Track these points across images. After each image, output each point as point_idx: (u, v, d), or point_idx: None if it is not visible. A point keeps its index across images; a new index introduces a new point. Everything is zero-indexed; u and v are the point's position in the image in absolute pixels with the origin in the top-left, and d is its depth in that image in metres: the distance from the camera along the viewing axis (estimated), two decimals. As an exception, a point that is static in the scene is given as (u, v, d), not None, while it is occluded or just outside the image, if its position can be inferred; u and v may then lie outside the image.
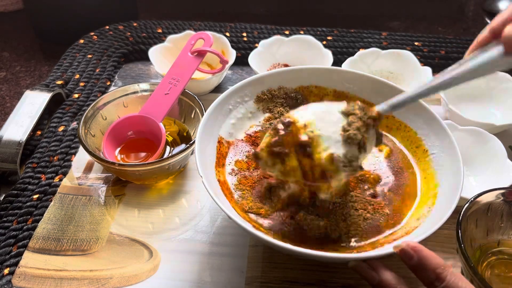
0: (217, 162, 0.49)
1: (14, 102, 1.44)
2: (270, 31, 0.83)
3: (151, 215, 0.53)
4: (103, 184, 0.57)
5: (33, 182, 0.57)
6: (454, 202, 0.41)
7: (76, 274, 0.47)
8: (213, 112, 0.50)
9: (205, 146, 0.48)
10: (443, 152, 0.48)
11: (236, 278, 0.47)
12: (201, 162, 0.44)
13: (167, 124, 0.60)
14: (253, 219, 0.45)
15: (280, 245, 0.39)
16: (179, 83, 0.58)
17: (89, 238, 0.51)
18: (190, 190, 0.56)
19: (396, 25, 1.89)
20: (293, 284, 0.46)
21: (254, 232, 0.39)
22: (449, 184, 0.45)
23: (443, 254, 0.49)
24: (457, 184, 0.44)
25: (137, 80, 0.74)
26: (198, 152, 0.45)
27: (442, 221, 0.40)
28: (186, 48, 0.62)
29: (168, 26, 0.84)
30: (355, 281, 0.47)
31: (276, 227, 0.44)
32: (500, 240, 0.47)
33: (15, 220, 0.52)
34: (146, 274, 0.47)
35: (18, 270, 0.48)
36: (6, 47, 1.70)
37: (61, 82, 0.71)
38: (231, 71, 0.75)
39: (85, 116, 0.56)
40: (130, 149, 0.58)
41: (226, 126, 0.52)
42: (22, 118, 0.62)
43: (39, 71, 1.59)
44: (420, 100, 0.50)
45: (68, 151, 0.61)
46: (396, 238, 0.43)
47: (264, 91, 0.55)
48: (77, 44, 0.81)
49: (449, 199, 0.43)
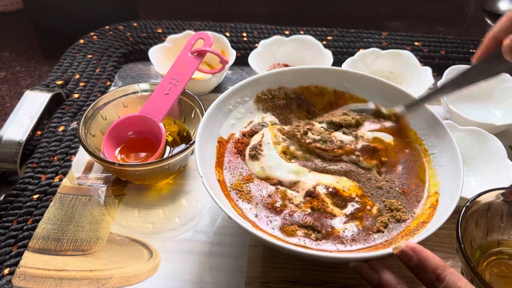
0: (217, 162, 0.49)
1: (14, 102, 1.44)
2: (270, 31, 0.83)
3: (151, 215, 0.53)
4: (103, 184, 0.57)
5: (33, 182, 0.57)
6: (454, 202, 0.41)
7: (76, 274, 0.47)
8: (213, 112, 0.50)
9: (205, 146, 0.48)
10: (443, 152, 0.48)
11: (236, 278, 0.47)
12: (201, 162, 0.44)
13: (167, 124, 0.60)
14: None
15: (280, 245, 0.39)
16: (179, 83, 0.58)
17: (89, 238, 0.51)
18: (190, 190, 0.56)
19: (396, 25, 1.89)
20: (293, 284, 0.46)
21: (254, 232, 0.39)
22: (449, 184, 0.45)
23: (443, 254, 0.49)
24: (457, 185, 0.44)
25: (137, 80, 0.74)
26: (198, 152, 0.45)
27: (442, 222, 0.40)
28: (186, 48, 0.62)
29: (168, 26, 0.84)
30: (355, 281, 0.47)
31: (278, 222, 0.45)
32: (500, 240, 0.47)
33: (15, 220, 0.52)
34: (146, 274, 0.47)
35: (18, 270, 0.48)
36: (6, 47, 1.70)
37: (61, 82, 0.71)
38: (231, 71, 0.75)
39: (85, 116, 0.56)
40: (130, 149, 0.58)
41: (226, 126, 0.52)
42: (22, 118, 0.62)
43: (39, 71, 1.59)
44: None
45: (68, 151, 0.61)
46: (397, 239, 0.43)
47: (264, 91, 0.55)
48: (77, 44, 0.81)
49: (449, 199, 0.43)
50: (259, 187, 0.48)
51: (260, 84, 0.55)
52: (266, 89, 0.56)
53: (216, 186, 0.46)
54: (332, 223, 0.45)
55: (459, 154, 0.46)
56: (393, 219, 0.45)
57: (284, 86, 0.56)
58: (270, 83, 0.56)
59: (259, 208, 0.46)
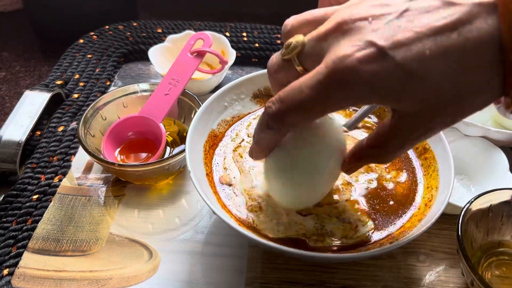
0: (207, 157, 0.49)
1: (14, 102, 1.44)
2: (270, 31, 0.83)
3: (151, 216, 0.53)
4: (103, 185, 0.57)
5: (32, 183, 0.56)
6: (442, 207, 0.41)
7: (75, 275, 0.47)
8: (207, 108, 0.51)
9: (197, 141, 0.48)
10: (436, 157, 0.48)
11: (236, 279, 0.47)
12: (191, 156, 0.45)
13: (167, 124, 0.60)
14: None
15: (263, 243, 0.39)
16: (179, 84, 0.58)
17: (88, 238, 0.51)
18: (190, 191, 0.56)
19: (396, 25, 1.88)
20: (293, 284, 0.46)
21: (236, 228, 0.39)
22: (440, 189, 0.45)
23: (443, 254, 0.49)
24: (447, 189, 0.43)
25: (137, 80, 0.74)
26: (188, 146, 0.46)
27: (428, 226, 0.39)
28: (185, 49, 0.62)
29: (168, 26, 0.84)
30: (355, 282, 0.46)
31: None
32: (501, 241, 0.47)
33: (15, 221, 0.52)
34: (146, 275, 0.47)
35: (17, 271, 0.48)
36: (5, 47, 1.70)
37: (60, 82, 0.71)
38: (231, 71, 0.75)
39: (85, 116, 0.56)
40: (130, 150, 0.58)
41: (220, 122, 0.53)
42: (22, 118, 0.62)
43: (39, 71, 1.59)
44: None
45: (67, 151, 0.61)
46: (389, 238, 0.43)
47: (261, 89, 0.55)
48: (76, 44, 0.81)
49: (438, 203, 0.43)
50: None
51: (257, 81, 0.55)
52: (263, 87, 0.56)
53: (205, 181, 0.46)
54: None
55: (452, 161, 0.45)
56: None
57: None
58: (267, 81, 0.55)
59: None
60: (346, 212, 0.45)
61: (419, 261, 0.48)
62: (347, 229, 0.44)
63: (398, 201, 0.46)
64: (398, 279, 0.47)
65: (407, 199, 0.46)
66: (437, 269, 0.48)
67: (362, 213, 0.45)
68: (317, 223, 0.44)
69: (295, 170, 0.39)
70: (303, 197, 0.42)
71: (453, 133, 0.55)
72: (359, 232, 0.43)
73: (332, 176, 0.41)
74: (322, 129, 0.39)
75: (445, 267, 0.48)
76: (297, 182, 0.40)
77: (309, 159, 0.39)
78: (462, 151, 0.55)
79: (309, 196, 0.42)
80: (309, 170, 0.39)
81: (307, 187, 0.40)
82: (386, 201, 0.46)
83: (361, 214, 0.45)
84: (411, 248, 0.49)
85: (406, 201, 0.46)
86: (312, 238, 0.43)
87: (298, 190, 0.41)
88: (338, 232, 0.43)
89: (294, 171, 0.39)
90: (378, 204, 0.46)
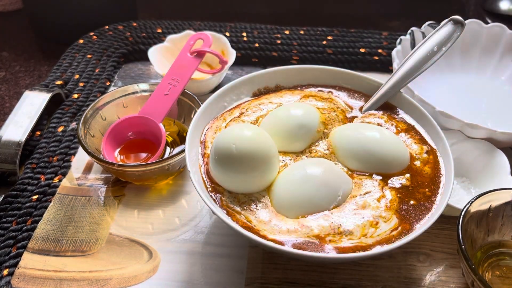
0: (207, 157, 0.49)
1: (14, 102, 1.44)
2: (270, 31, 0.83)
3: (150, 216, 0.53)
4: (103, 185, 0.57)
5: (32, 183, 0.56)
6: (441, 208, 0.41)
7: (75, 275, 0.47)
8: (207, 108, 0.51)
9: (197, 141, 0.48)
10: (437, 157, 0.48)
11: (236, 279, 0.47)
12: (190, 156, 0.45)
13: (167, 124, 0.60)
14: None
15: (263, 243, 0.39)
16: (179, 84, 0.58)
17: (88, 239, 0.50)
18: (190, 191, 0.56)
19: (396, 25, 1.88)
20: (293, 285, 0.46)
21: (236, 228, 0.40)
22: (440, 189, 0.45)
23: (443, 255, 0.49)
24: (447, 189, 0.43)
25: (137, 80, 0.74)
26: (188, 146, 0.46)
27: (428, 226, 0.39)
28: (185, 49, 0.62)
29: (168, 26, 0.84)
30: (355, 282, 0.46)
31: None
32: (501, 241, 0.47)
33: (15, 221, 0.52)
34: (146, 275, 0.47)
35: (17, 271, 0.48)
36: (5, 47, 1.69)
37: (60, 82, 0.71)
38: (231, 71, 0.75)
39: (85, 117, 0.56)
40: (130, 150, 0.58)
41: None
42: (22, 119, 0.62)
43: (39, 71, 1.59)
44: (418, 104, 0.51)
45: (67, 152, 0.61)
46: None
47: (261, 89, 0.56)
48: (76, 44, 0.81)
49: (438, 204, 0.43)
50: None
51: (257, 81, 0.55)
52: (263, 87, 0.56)
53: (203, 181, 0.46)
54: None
55: (452, 162, 0.45)
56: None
57: (281, 85, 0.56)
58: (267, 81, 0.56)
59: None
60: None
61: (419, 261, 0.48)
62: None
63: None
64: (398, 279, 0.47)
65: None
66: (437, 269, 0.47)
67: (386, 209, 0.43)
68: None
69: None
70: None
71: (455, 135, 0.55)
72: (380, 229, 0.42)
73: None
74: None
75: (445, 267, 0.48)
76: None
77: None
78: (464, 153, 0.55)
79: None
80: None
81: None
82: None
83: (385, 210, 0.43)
84: (411, 248, 0.49)
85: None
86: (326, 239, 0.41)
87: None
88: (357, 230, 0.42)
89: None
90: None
